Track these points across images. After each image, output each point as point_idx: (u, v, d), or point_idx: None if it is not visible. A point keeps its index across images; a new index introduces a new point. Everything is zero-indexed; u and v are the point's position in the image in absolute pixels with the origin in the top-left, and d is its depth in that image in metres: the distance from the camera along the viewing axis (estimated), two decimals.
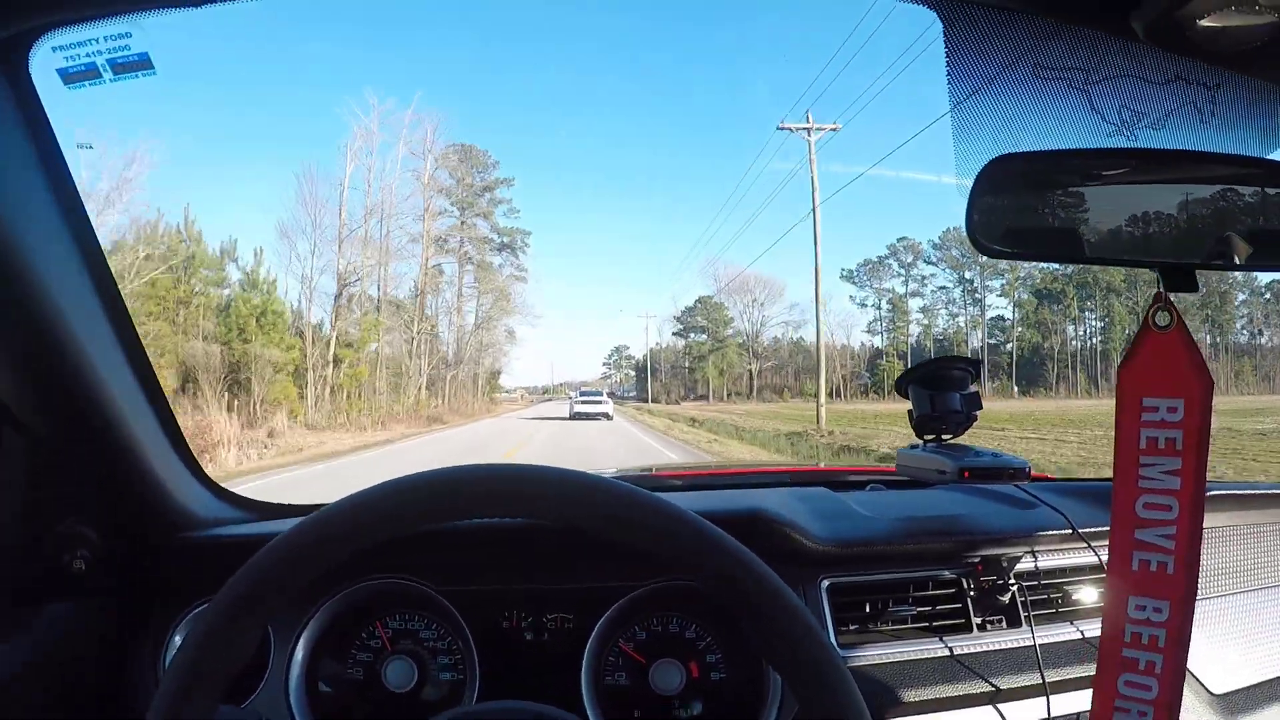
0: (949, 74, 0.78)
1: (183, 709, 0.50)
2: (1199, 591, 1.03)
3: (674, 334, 73.26)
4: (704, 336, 70.87)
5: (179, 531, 0.97)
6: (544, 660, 0.93)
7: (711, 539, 0.53)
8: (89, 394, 0.81)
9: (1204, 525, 1.05)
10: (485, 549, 0.96)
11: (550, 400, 63.95)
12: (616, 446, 16.70)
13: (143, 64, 0.73)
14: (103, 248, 0.80)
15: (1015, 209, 0.74)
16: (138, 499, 0.92)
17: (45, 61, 0.74)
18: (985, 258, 0.74)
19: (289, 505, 1.12)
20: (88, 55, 0.73)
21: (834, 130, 21.63)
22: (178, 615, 0.94)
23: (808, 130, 21.06)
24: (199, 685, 0.51)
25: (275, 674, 0.88)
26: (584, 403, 30.18)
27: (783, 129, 21.41)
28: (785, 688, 0.86)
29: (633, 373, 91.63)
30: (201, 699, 0.51)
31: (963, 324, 64.81)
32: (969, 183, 0.73)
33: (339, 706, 0.91)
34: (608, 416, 28.71)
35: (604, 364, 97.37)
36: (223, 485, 1.06)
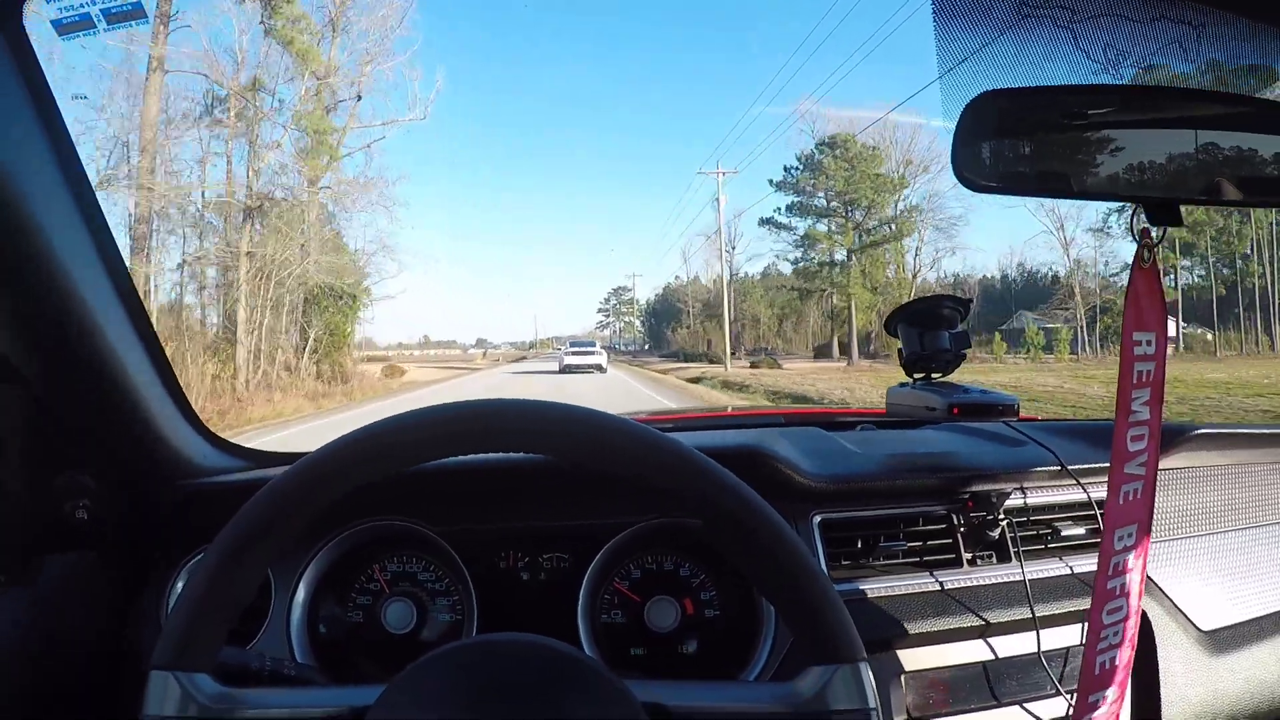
0: (935, 13, 0.79)
1: (187, 651, 0.52)
2: (1187, 531, 1.06)
3: (767, 223, 38.22)
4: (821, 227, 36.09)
5: (178, 480, 0.99)
6: (541, 599, 0.95)
7: (710, 473, 0.55)
8: (86, 345, 0.82)
9: (1195, 464, 1.09)
10: (481, 489, 0.97)
11: (525, 360, 52.46)
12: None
13: (135, 13, 0.74)
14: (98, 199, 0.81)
15: (1000, 146, 0.75)
16: (136, 449, 0.93)
17: (39, 11, 0.75)
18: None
19: (286, 453, 1.13)
20: (81, 4, 0.74)
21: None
22: (179, 562, 0.96)
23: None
24: (202, 628, 0.53)
25: (276, 617, 0.90)
26: (575, 354, 28.77)
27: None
28: (778, 623, 0.89)
29: (637, 320, 78.08)
30: (205, 641, 0.53)
31: None
32: (953, 123, 0.74)
33: (340, 648, 0.93)
34: (600, 369, 27.37)
35: (600, 309, 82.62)
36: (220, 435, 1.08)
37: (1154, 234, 0.76)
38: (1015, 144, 0.75)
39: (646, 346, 69.00)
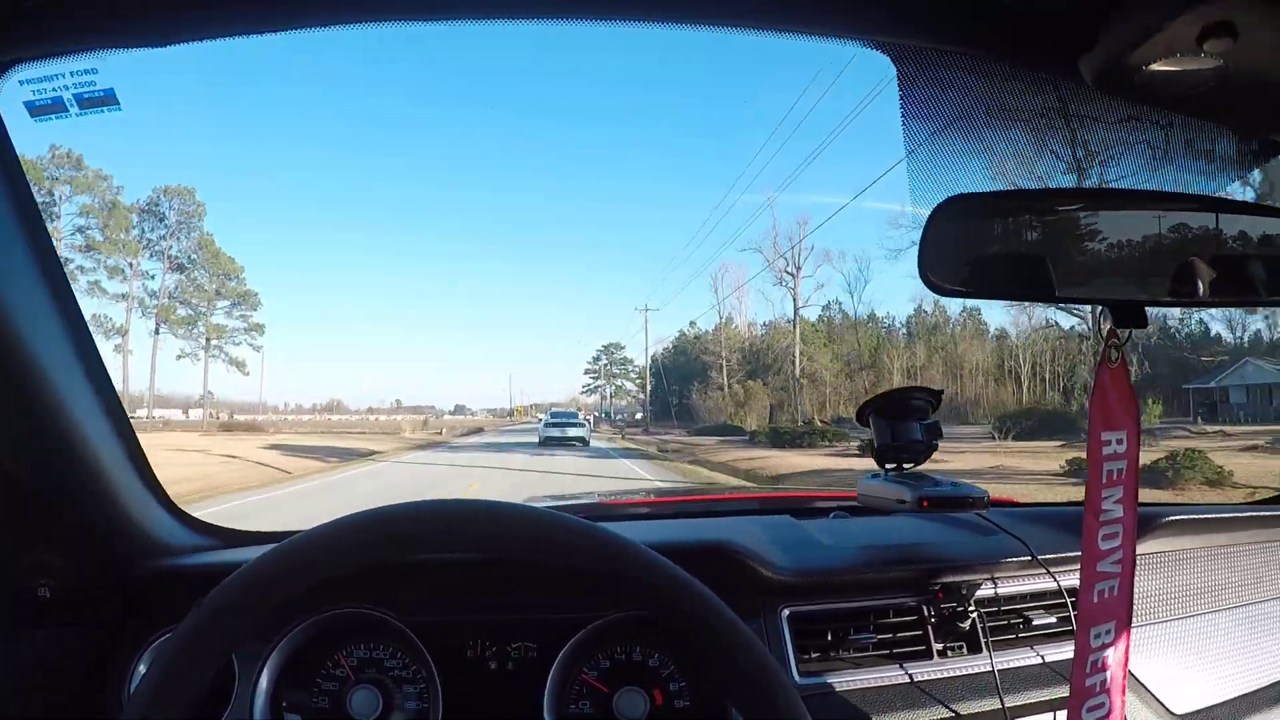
0: (904, 117, 0.80)
1: None
2: (1161, 615, 1.05)
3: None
4: None
5: (145, 559, 0.97)
6: (508, 689, 0.93)
7: (658, 568, 0.55)
8: (53, 422, 0.81)
9: (1168, 549, 1.08)
10: (447, 579, 0.96)
11: (481, 432, 41.01)
12: None
13: (108, 99, 0.74)
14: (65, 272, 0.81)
15: (967, 248, 0.76)
16: (104, 527, 0.92)
17: (12, 93, 0.75)
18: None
19: (254, 532, 1.12)
20: (54, 90, 0.74)
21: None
22: (143, 643, 0.94)
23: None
24: (163, 709, 0.51)
25: (240, 703, 0.88)
26: (555, 425, 25.82)
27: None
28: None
29: (634, 384, 65.18)
30: (168, 716, 0.52)
31: None
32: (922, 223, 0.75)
33: None
34: (584, 441, 24.78)
35: (588, 370, 70.19)
36: (188, 512, 1.06)
37: (1120, 335, 0.76)
38: (981, 247, 0.76)
39: (647, 414, 55.38)
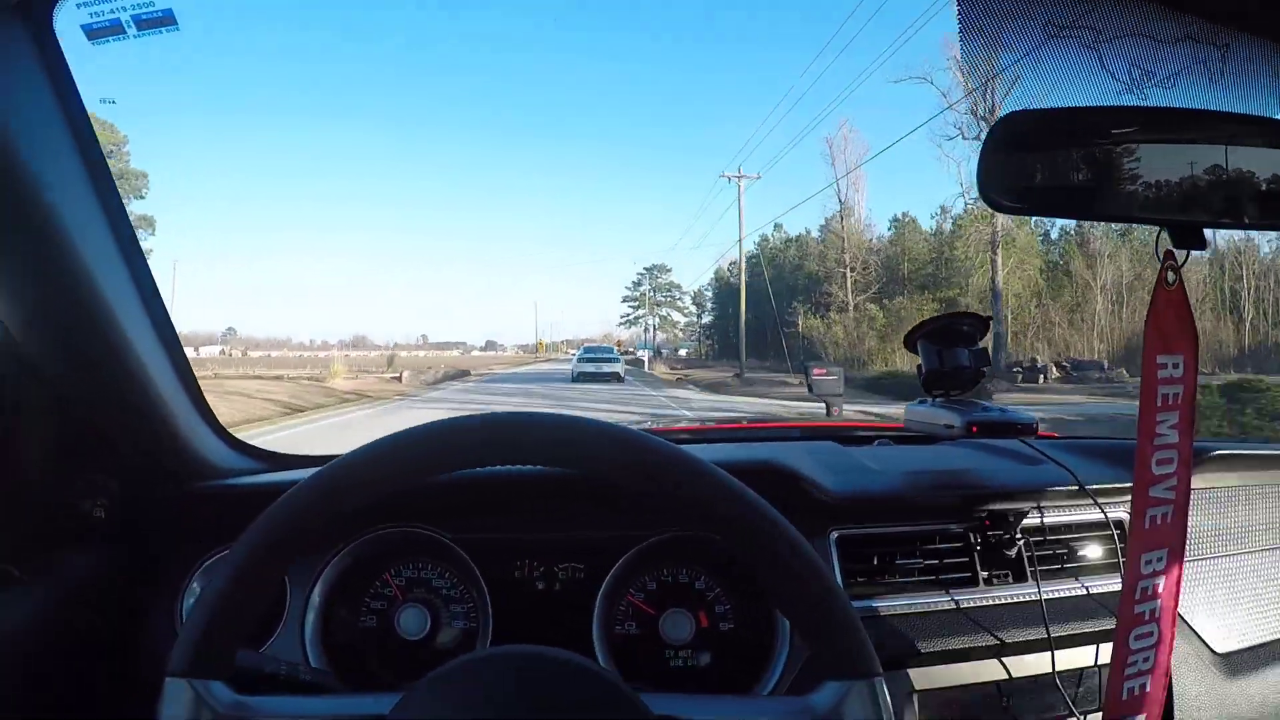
0: (961, 32, 0.79)
1: (203, 658, 0.52)
2: (1205, 552, 1.05)
3: None
4: None
5: (196, 481, 0.99)
6: (555, 609, 0.95)
7: (729, 489, 0.55)
8: (110, 346, 0.83)
9: (1216, 484, 1.08)
10: (498, 498, 0.97)
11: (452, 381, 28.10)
12: None
13: (166, 20, 0.74)
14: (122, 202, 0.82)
15: (1026, 165, 0.75)
16: (156, 448, 0.94)
17: (69, 17, 0.75)
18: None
19: (301, 455, 1.14)
20: (112, 11, 0.74)
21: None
22: (195, 563, 0.96)
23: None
24: (219, 634, 0.53)
25: (291, 620, 0.90)
26: (589, 360, 25.67)
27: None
28: (793, 637, 0.89)
29: (688, 315, 55.00)
30: (221, 648, 0.53)
31: None
32: (979, 140, 0.74)
33: (354, 653, 0.93)
34: (618, 378, 24.45)
35: (626, 299, 58.55)
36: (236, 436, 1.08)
37: (1178, 256, 0.75)
38: (1040, 164, 0.75)
39: (701, 346, 48.85)
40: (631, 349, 50.90)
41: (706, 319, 53.57)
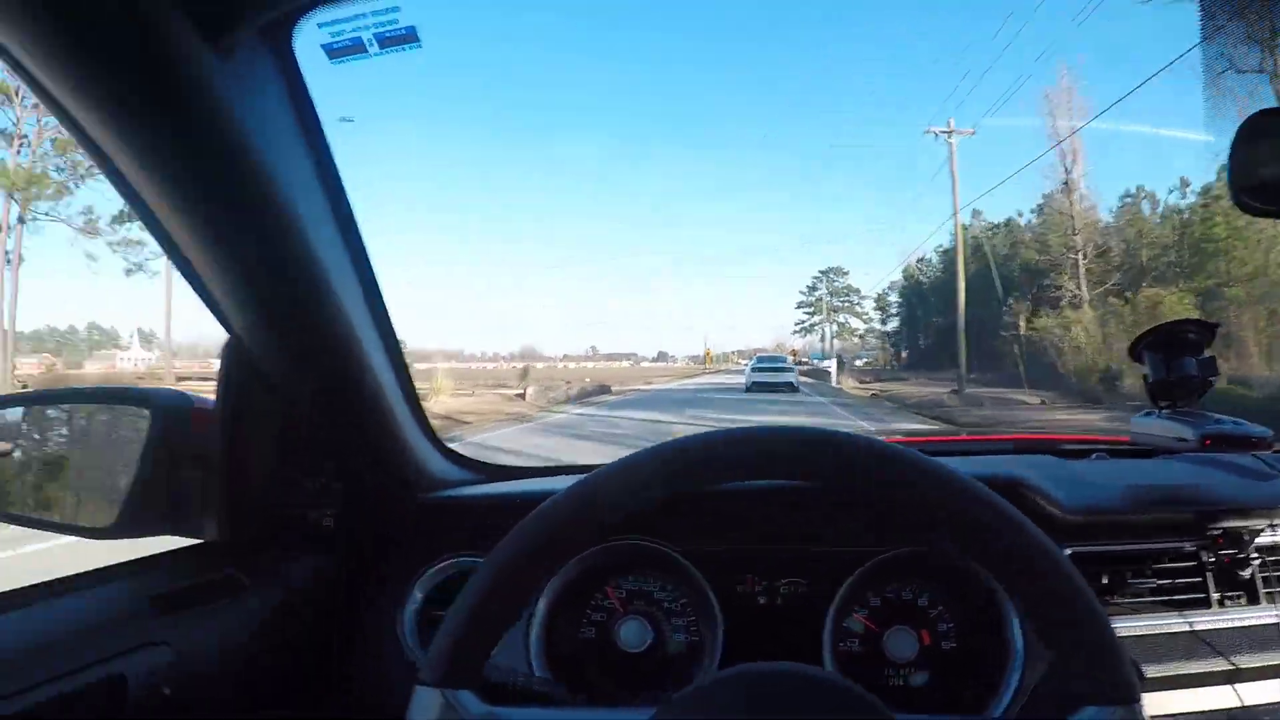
0: (1203, 29, 0.77)
1: (455, 668, 0.53)
2: None
3: None
4: None
5: (420, 492, 1.02)
6: (778, 625, 0.94)
7: (989, 503, 0.54)
8: (342, 359, 0.86)
9: None
10: (720, 511, 0.97)
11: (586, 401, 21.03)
12: None
13: (409, 37, 0.76)
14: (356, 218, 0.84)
15: (1276, 162, 0.73)
16: (383, 459, 0.97)
17: (309, 37, 0.77)
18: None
19: (513, 467, 1.15)
20: (354, 30, 0.76)
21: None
22: (417, 572, 0.99)
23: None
24: (472, 645, 0.53)
25: (516, 630, 0.91)
26: (763, 370, 24.49)
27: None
28: (1026, 658, 0.86)
29: (868, 322, 50.78)
30: (473, 658, 0.54)
31: None
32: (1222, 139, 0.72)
33: (574, 664, 0.94)
34: (792, 387, 23.28)
35: (800, 304, 54.20)
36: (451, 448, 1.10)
37: None
38: None
39: (895, 360, 43.52)
40: (806, 358, 46.34)
41: (891, 324, 48.99)
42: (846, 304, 53.15)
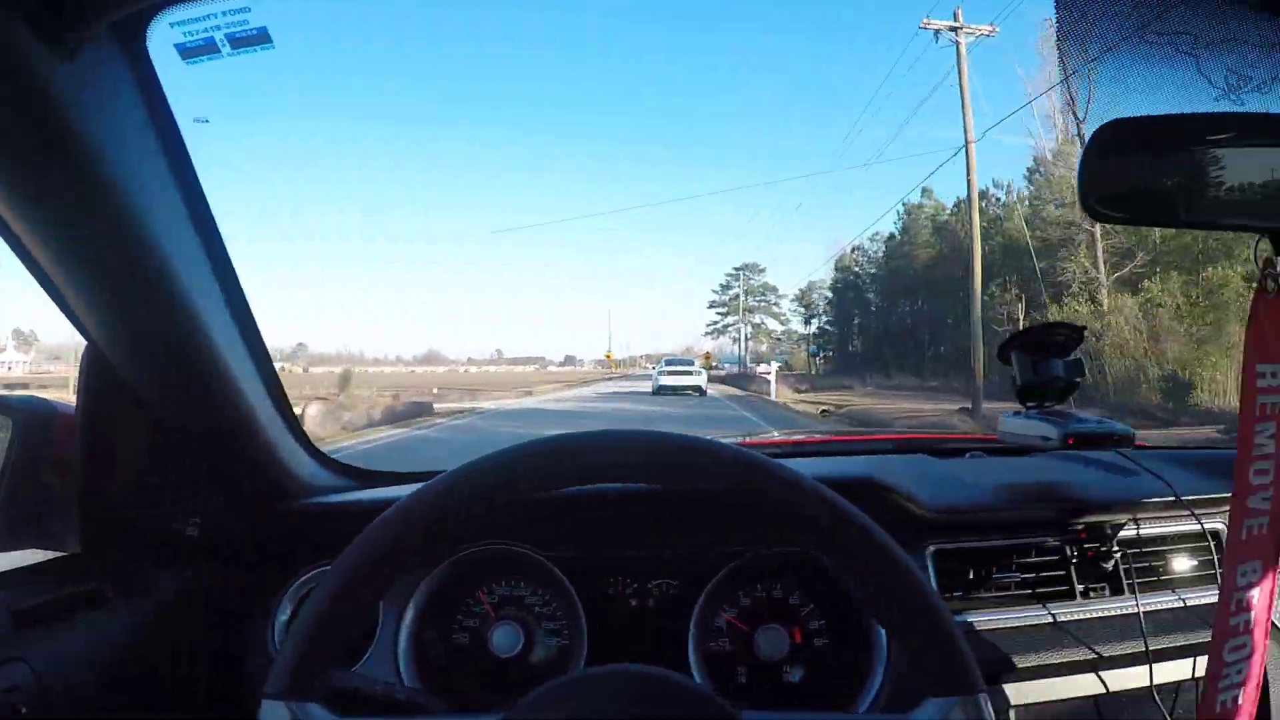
0: (1059, 42, 0.79)
1: (299, 679, 0.52)
2: None
3: None
4: None
5: (290, 499, 1.00)
6: (649, 626, 0.95)
7: (831, 504, 0.55)
8: (205, 366, 0.84)
9: None
10: (590, 515, 0.97)
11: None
12: None
13: (261, 38, 0.74)
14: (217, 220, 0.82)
15: (1126, 172, 0.75)
16: (249, 467, 0.95)
17: (163, 36, 0.75)
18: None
19: (392, 473, 1.14)
20: (206, 30, 0.75)
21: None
22: (288, 581, 0.97)
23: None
24: (316, 655, 0.53)
25: (385, 638, 0.91)
26: (671, 373, 24.48)
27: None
28: (891, 654, 0.88)
29: (785, 323, 46.18)
30: (318, 669, 0.53)
31: None
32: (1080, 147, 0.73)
33: (446, 671, 0.94)
34: (700, 391, 23.49)
35: (712, 304, 50.04)
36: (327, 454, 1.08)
37: (1277, 264, 0.74)
38: (1139, 171, 0.74)
39: (820, 365, 39.60)
40: (718, 363, 42.95)
41: (815, 325, 43.84)
42: (763, 303, 48.80)
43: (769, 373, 24.36)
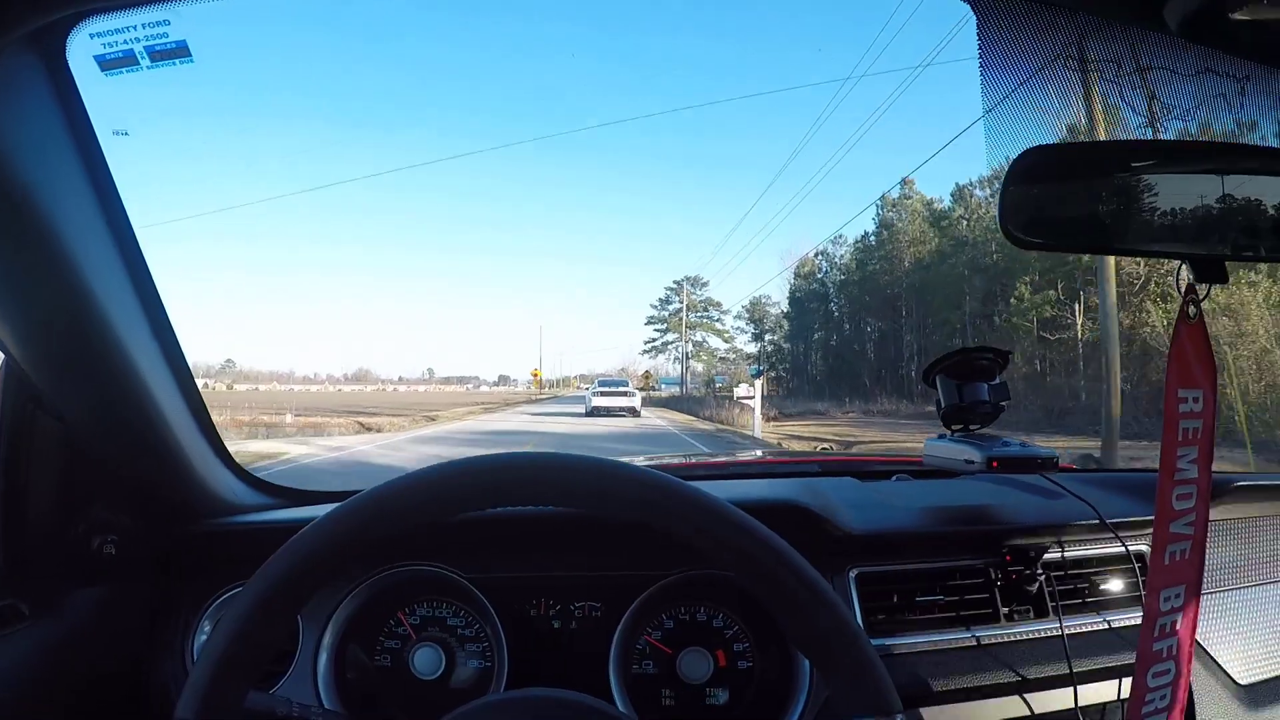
0: (982, 68, 0.79)
1: (212, 702, 0.51)
2: (1228, 583, 1.04)
3: None
4: None
5: (209, 517, 0.98)
6: (572, 648, 0.94)
7: (745, 528, 0.54)
8: (122, 382, 0.82)
9: (1238, 515, 1.07)
10: (513, 536, 0.96)
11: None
12: None
13: (180, 51, 0.73)
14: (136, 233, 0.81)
15: (1046, 200, 0.75)
16: (168, 485, 0.93)
17: (83, 48, 0.75)
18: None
19: (315, 492, 1.13)
20: (125, 42, 0.74)
21: None
22: (206, 601, 0.95)
23: None
24: (229, 677, 0.52)
25: (304, 660, 0.89)
26: (605, 394, 24.27)
27: None
28: (814, 675, 0.87)
29: (729, 340, 42.65)
30: (231, 691, 0.52)
31: None
32: (1001, 174, 0.74)
33: (367, 693, 0.92)
34: (634, 412, 23.37)
35: (650, 320, 46.81)
36: (251, 471, 1.07)
37: (1200, 290, 0.75)
38: (1060, 198, 0.75)
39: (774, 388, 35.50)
40: (657, 384, 39.73)
41: (769, 343, 40.84)
42: (705, 320, 44.48)
43: (749, 396, 17.65)
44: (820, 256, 36.45)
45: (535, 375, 51.19)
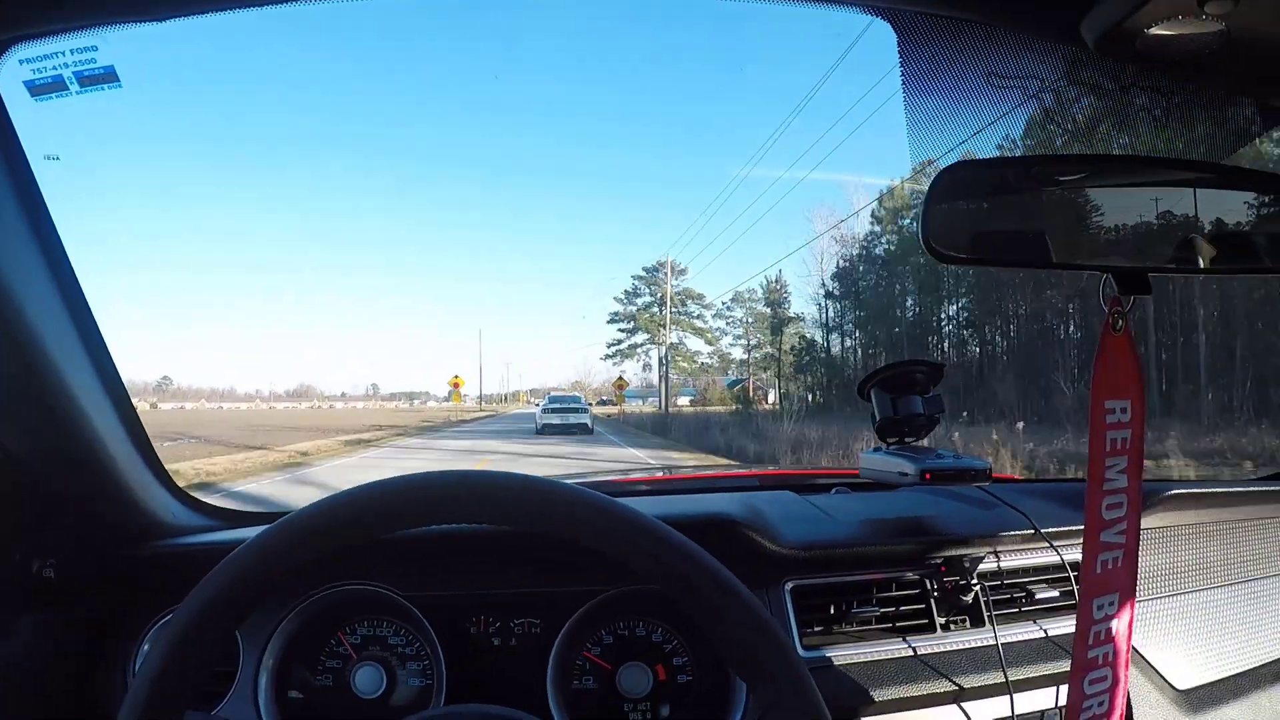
0: (904, 84, 0.80)
1: (150, 714, 0.50)
2: (1163, 590, 1.05)
3: None
4: None
5: (148, 540, 0.98)
6: (512, 665, 0.94)
7: (669, 543, 0.54)
8: (56, 404, 0.82)
9: (1171, 524, 1.08)
10: (451, 554, 0.96)
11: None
12: None
13: (108, 77, 0.74)
14: (69, 257, 0.81)
15: (969, 215, 0.76)
16: (107, 508, 0.92)
17: (12, 73, 0.75)
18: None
19: (256, 513, 1.13)
20: (54, 68, 0.74)
21: None
22: (147, 623, 0.95)
23: None
24: (167, 692, 0.51)
25: (244, 680, 0.89)
26: (554, 410, 23.29)
27: None
28: (749, 689, 0.88)
29: (708, 342, 36.41)
30: (169, 705, 0.51)
31: None
32: (923, 189, 0.75)
33: (308, 713, 0.92)
34: (586, 429, 22.43)
35: (614, 317, 39.19)
36: (192, 494, 1.07)
37: (1124, 302, 0.76)
38: (984, 215, 0.76)
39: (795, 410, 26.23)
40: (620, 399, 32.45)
41: (794, 334, 32.50)
42: (684, 316, 36.13)
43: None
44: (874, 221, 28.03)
45: (455, 384, 31.47)
